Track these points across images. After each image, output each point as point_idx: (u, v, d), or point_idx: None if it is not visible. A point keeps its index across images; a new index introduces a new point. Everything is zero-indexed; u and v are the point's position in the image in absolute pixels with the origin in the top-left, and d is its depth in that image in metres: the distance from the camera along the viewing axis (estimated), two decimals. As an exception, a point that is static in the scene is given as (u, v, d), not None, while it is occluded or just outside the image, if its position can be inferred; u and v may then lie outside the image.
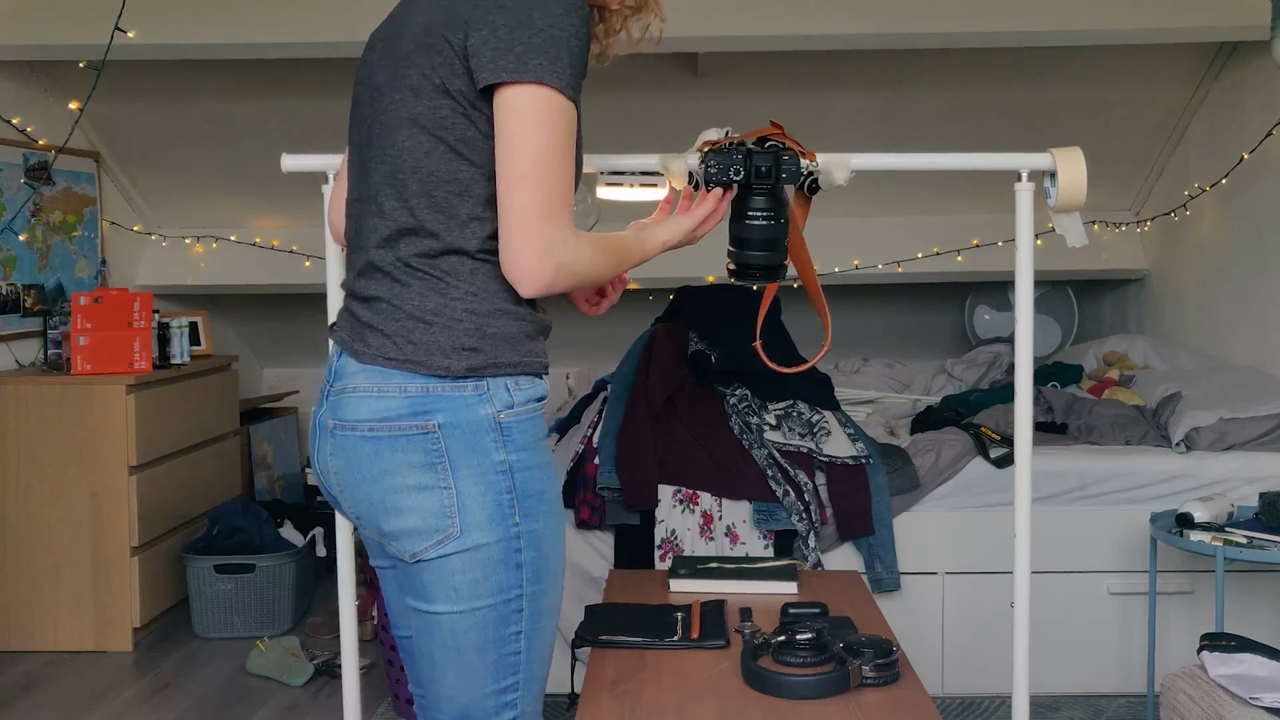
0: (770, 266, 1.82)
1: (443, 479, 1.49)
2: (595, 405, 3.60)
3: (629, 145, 2.30)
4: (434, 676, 1.56)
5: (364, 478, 1.53)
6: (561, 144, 1.46)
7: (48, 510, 3.84)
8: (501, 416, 1.51)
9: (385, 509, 1.52)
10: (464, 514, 1.49)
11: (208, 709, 3.38)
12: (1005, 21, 3.77)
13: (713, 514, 3.23)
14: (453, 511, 1.49)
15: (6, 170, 4.11)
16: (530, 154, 1.44)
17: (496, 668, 1.54)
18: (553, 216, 1.45)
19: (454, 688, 1.55)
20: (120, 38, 3.55)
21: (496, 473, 1.50)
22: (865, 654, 1.89)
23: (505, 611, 1.52)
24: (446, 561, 1.50)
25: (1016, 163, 1.87)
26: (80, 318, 3.88)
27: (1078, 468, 3.36)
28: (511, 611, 1.53)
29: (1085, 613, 3.35)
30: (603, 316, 2.09)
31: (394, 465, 1.50)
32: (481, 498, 1.49)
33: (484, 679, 1.54)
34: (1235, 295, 4.26)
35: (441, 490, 1.49)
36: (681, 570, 2.45)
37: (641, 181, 3.28)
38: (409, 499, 1.50)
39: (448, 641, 1.53)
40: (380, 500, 1.52)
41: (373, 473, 1.52)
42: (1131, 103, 4.54)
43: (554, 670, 3.36)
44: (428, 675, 1.58)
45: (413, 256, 1.51)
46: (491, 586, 1.51)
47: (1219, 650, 2.15)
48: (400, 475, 1.50)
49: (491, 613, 1.52)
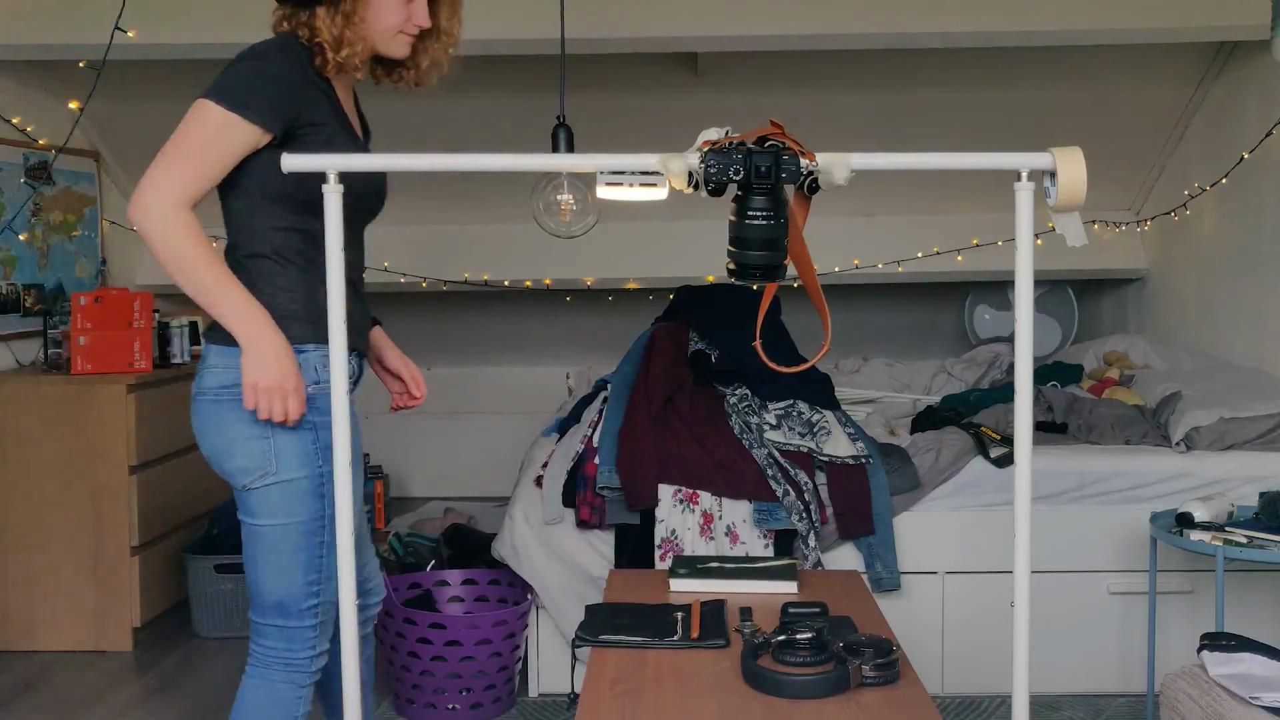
0: (770, 266, 1.82)
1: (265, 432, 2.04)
2: (595, 405, 3.60)
3: (629, 145, 2.30)
4: (255, 576, 2.09)
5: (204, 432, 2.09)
6: (200, 139, 2.09)
7: (48, 510, 3.84)
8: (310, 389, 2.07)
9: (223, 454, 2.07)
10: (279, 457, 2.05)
11: (208, 709, 3.38)
12: (1005, 21, 3.77)
13: (713, 513, 3.23)
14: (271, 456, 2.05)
15: (6, 170, 4.11)
16: (175, 134, 2.10)
17: (306, 567, 2.08)
18: (164, 170, 2.08)
19: (273, 581, 2.07)
20: (120, 37, 3.55)
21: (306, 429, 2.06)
22: (865, 653, 1.89)
23: (314, 527, 2.07)
24: (267, 491, 2.04)
25: (1016, 162, 1.86)
26: (80, 317, 3.88)
27: (1078, 467, 3.36)
28: (318, 528, 2.07)
29: (1085, 612, 3.35)
30: (603, 316, 2.13)
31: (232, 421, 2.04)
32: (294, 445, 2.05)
33: (297, 575, 2.08)
34: (1235, 295, 4.26)
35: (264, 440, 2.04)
36: (681, 570, 2.45)
37: (641, 181, 3.28)
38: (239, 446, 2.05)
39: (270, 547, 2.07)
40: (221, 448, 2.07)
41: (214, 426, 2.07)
42: (1132, 102, 4.54)
43: (554, 670, 3.38)
44: (251, 575, 2.10)
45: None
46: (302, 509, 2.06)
47: (1219, 650, 2.15)
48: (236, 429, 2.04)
49: (303, 526, 2.06)
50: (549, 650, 3.38)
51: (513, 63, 4.23)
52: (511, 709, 3.31)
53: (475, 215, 5.14)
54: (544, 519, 3.27)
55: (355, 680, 1.93)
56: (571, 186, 3.57)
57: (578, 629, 2.14)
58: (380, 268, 5.08)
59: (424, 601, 3.43)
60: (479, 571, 3.57)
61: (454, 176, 4.83)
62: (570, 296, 5.62)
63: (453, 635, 3.15)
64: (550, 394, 5.34)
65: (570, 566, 3.25)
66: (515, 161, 2.00)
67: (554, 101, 3.36)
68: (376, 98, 4.66)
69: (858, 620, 2.14)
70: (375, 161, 1.96)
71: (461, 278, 5.18)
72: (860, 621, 2.14)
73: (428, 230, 5.24)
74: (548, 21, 3.40)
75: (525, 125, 4.07)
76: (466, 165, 1.92)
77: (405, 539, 4.21)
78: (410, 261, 5.12)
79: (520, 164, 2.03)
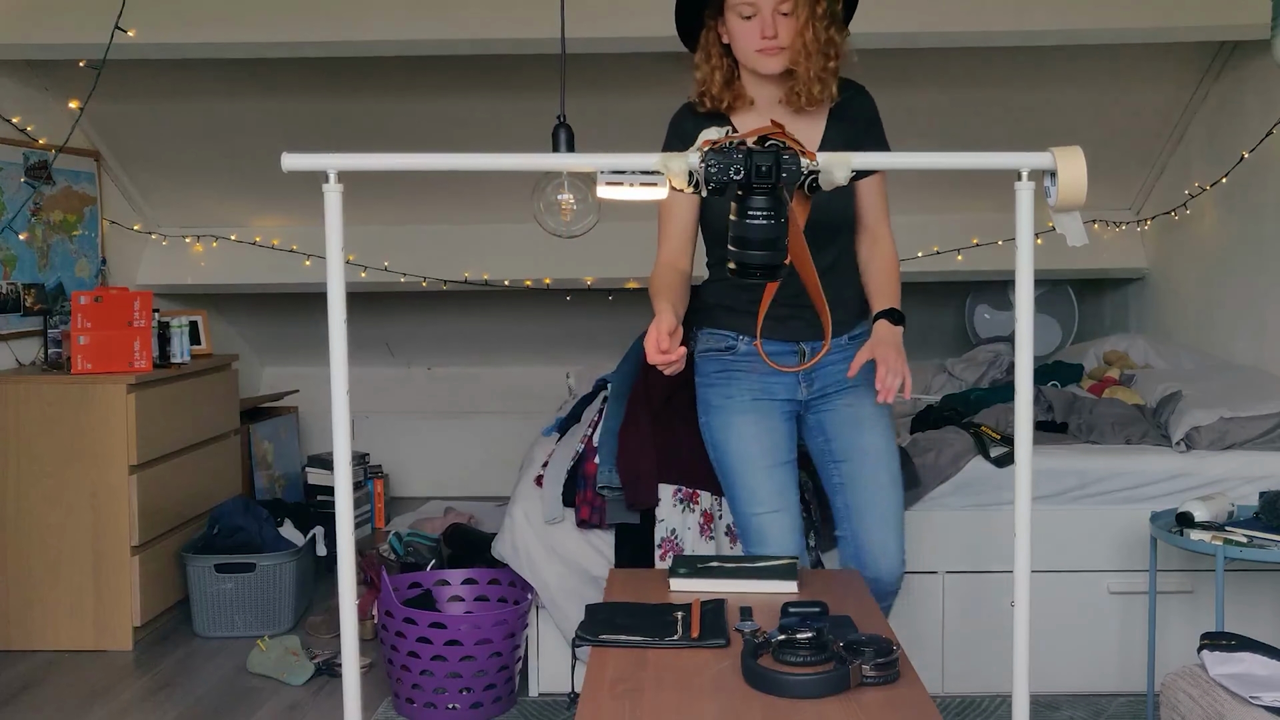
0: (770, 266, 1.82)
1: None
2: (595, 404, 3.60)
3: (629, 144, 2.30)
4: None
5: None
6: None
7: (48, 509, 3.84)
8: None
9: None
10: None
11: (208, 708, 3.38)
12: (1005, 20, 3.77)
13: (713, 513, 3.23)
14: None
15: (7, 169, 4.11)
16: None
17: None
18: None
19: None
20: (120, 37, 3.55)
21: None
22: (865, 653, 1.88)
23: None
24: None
25: (1016, 162, 1.86)
26: (80, 317, 3.88)
27: (1078, 467, 3.36)
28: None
29: (1085, 612, 3.35)
30: (603, 315, 2.14)
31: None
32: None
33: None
34: (1235, 294, 4.26)
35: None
36: (681, 569, 2.45)
37: (642, 181, 3.27)
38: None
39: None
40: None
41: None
42: (1132, 102, 4.54)
43: (554, 669, 3.38)
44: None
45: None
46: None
47: (1219, 649, 2.15)
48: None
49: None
50: (549, 650, 3.38)
51: (513, 62, 4.23)
52: (512, 708, 3.31)
53: (476, 215, 5.13)
54: (544, 518, 3.27)
55: (355, 680, 1.93)
56: (572, 186, 3.57)
57: (578, 628, 2.13)
58: (380, 267, 5.08)
59: (424, 601, 3.43)
60: (479, 571, 3.57)
61: (454, 176, 4.83)
62: (570, 296, 5.62)
63: (453, 635, 3.15)
64: (550, 393, 5.34)
65: (570, 566, 3.25)
66: (516, 161, 2.01)
67: (554, 101, 3.36)
68: (376, 97, 4.68)
69: (858, 620, 2.14)
70: (376, 161, 1.97)
71: (462, 277, 5.18)
72: (860, 621, 2.13)
73: (428, 230, 5.24)
74: (548, 21, 3.40)
75: (526, 125, 4.07)
76: (467, 165, 1.92)
77: (405, 538, 4.21)
78: (410, 261, 5.12)
79: (521, 164, 2.03)
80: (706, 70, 2.52)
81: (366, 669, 3.50)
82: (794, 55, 2.43)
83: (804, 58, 2.43)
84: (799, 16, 2.41)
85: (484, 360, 6.15)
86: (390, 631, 3.20)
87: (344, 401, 1.84)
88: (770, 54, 2.43)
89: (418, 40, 3.85)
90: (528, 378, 6.06)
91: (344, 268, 1.85)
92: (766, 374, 2.62)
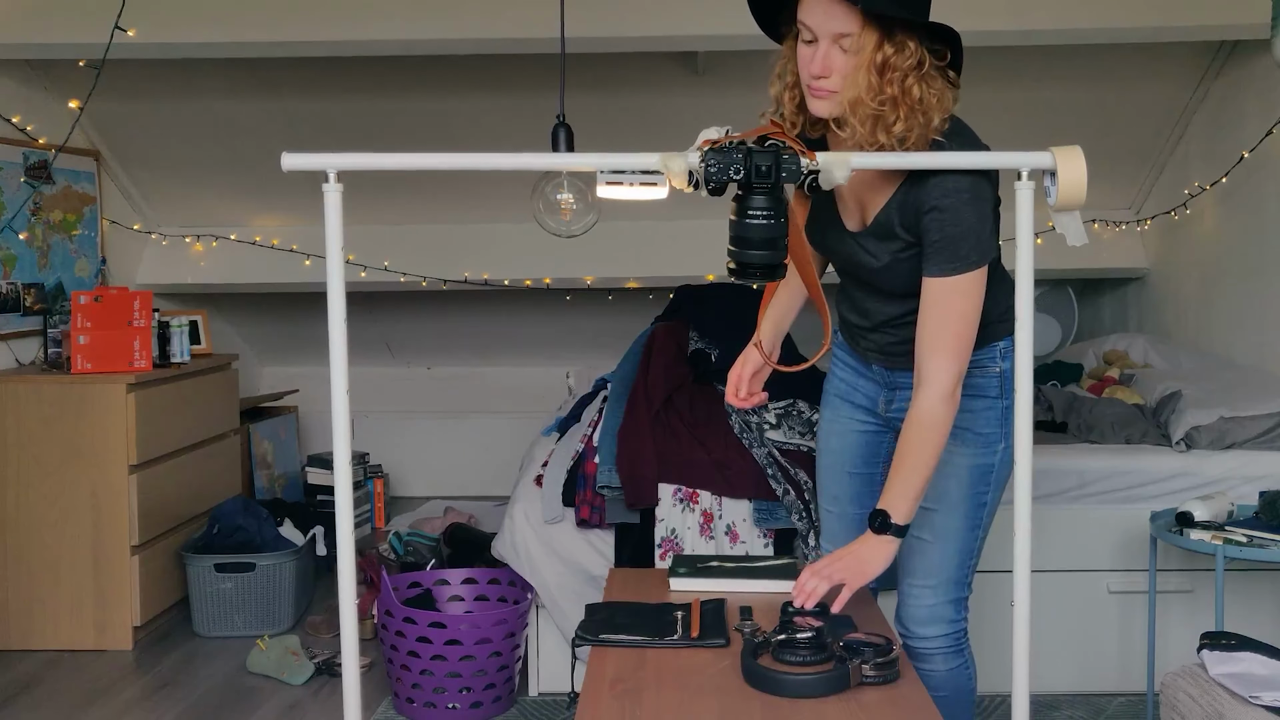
0: (770, 265, 1.82)
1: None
2: (595, 404, 3.60)
3: (629, 144, 2.30)
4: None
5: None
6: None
7: (48, 509, 3.84)
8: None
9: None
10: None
11: (208, 708, 3.38)
12: (1005, 20, 3.77)
13: (713, 513, 3.23)
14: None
15: (6, 169, 4.11)
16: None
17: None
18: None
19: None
20: (120, 37, 3.55)
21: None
22: (865, 653, 1.88)
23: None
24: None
25: (1016, 161, 1.86)
26: (80, 317, 3.88)
27: (1078, 466, 3.36)
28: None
29: (1085, 612, 3.35)
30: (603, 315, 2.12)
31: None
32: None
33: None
34: (1235, 294, 4.26)
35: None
36: (681, 569, 2.45)
37: (642, 180, 3.27)
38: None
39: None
40: None
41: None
42: (1132, 101, 4.53)
43: (554, 669, 3.38)
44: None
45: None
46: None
47: (1219, 649, 2.15)
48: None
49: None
50: (549, 649, 3.38)
51: (513, 62, 4.23)
52: (511, 708, 3.31)
53: (475, 214, 5.13)
54: (544, 518, 3.27)
55: (355, 680, 1.93)
56: (572, 186, 3.57)
57: (577, 628, 2.13)
58: (380, 267, 5.08)
59: (424, 601, 3.43)
60: (479, 571, 3.57)
61: (454, 175, 4.83)
62: (570, 295, 5.62)
63: (452, 634, 3.15)
64: (550, 393, 5.34)
65: (570, 565, 3.25)
66: (515, 160, 2.00)
67: (554, 100, 3.36)
68: (376, 96, 4.67)
69: (858, 619, 2.14)
70: (376, 161, 1.96)
71: (462, 277, 5.18)
72: (860, 620, 2.13)
73: (428, 229, 5.24)
74: (548, 20, 3.40)
75: (525, 124, 4.07)
76: (467, 164, 1.92)
77: (405, 538, 4.21)
78: (410, 260, 5.12)
79: (520, 163, 2.03)
80: (779, 88, 2.06)
81: (366, 668, 3.51)
82: (850, 104, 1.93)
83: (852, 112, 1.94)
84: (861, 57, 1.90)
85: (484, 360, 6.15)
86: (390, 631, 3.20)
87: (344, 401, 1.84)
88: (819, 95, 1.96)
89: (417, 40, 3.85)
90: (527, 377, 6.06)
91: (344, 267, 1.85)
92: (855, 372, 2.41)
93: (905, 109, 1.91)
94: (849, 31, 1.89)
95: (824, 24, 1.90)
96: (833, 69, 1.92)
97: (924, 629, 2.32)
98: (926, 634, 2.32)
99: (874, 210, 2.09)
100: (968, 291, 2.01)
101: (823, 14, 1.89)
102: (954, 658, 2.33)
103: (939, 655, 2.32)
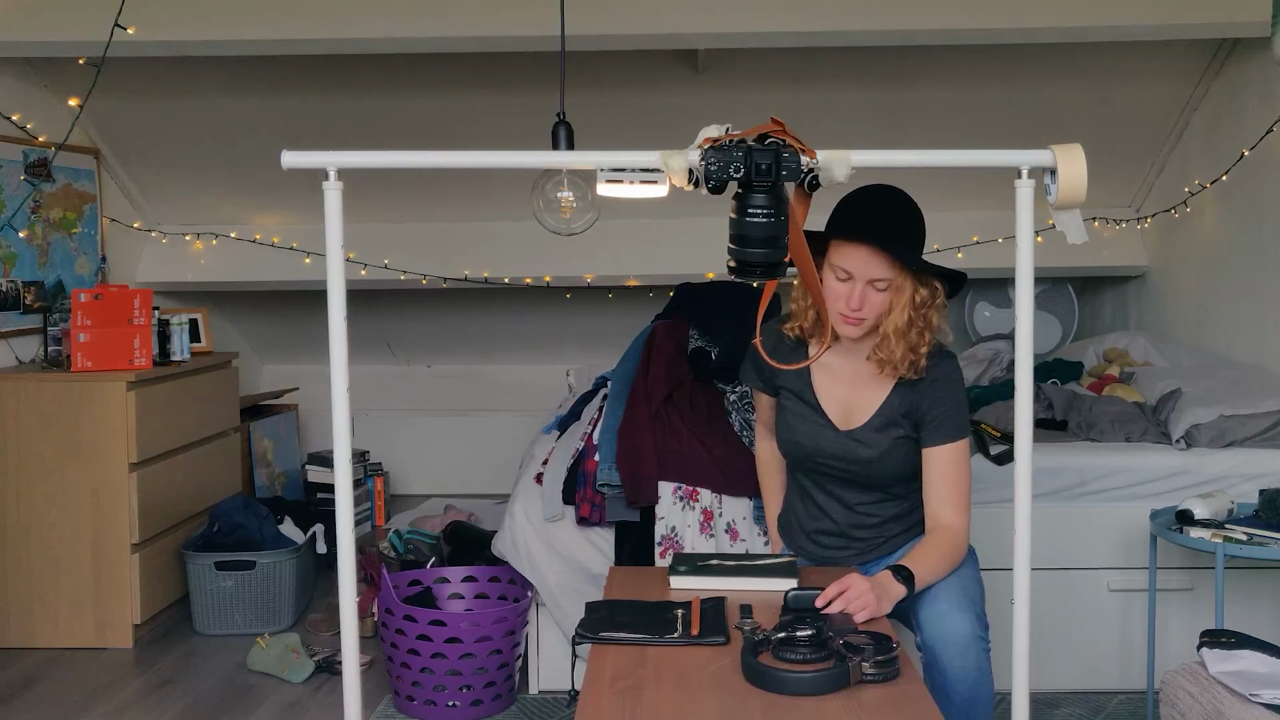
0: (770, 264, 1.82)
1: None
2: (595, 402, 3.60)
3: (629, 142, 2.31)
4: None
5: None
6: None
7: (48, 507, 3.84)
8: None
9: None
10: None
11: (208, 706, 3.38)
12: (1006, 18, 3.77)
13: (713, 511, 3.23)
14: None
15: (6, 167, 4.11)
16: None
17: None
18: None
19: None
20: (120, 34, 3.55)
21: None
22: (865, 650, 1.89)
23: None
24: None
25: (1017, 159, 1.86)
26: (80, 315, 3.88)
27: (1078, 465, 3.36)
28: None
29: (1085, 609, 3.35)
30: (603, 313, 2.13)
31: None
32: None
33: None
34: (1235, 292, 4.26)
35: None
36: (681, 567, 2.45)
37: (642, 178, 3.27)
38: None
39: None
40: None
41: None
42: (1132, 99, 4.53)
43: (554, 667, 3.38)
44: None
45: None
46: None
47: (1219, 647, 2.15)
48: None
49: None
50: (549, 647, 3.38)
51: (513, 60, 4.23)
52: (511, 706, 3.31)
53: (475, 212, 5.13)
54: (544, 516, 3.27)
55: (355, 678, 1.93)
56: (572, 183, 3.57)
57: (578, 626, 2.13)
58: (380, 265, 5.08)
59: (424, 599, 3.43)
60: (479, 569, 3.57)
61: (455, 173, 4.83)
62: (570, 294, 5.62)
63: (453, 632, 3.15)
64: (550, 391, 5.34)
65: (570, 563, 3.25)
66: (515, 158, 2.00)
67: (554, 98, 3.36)
68: (376, 94, 4.67)
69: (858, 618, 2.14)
70: (376, 159, 1.96)
71: (462, 275, 5.18)
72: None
73: (428, 227, 5.24)
74: (548, 18, 3.40)
75: (525, 122, 4.07)
76: (467, 162, 1.92)
77: (405, 536, 4.21)
78: (410, 259, 5.12)
79: (520, 161, 2.03)
80: (803, 305, 2.46)
81: (366, 666, 3.51)
82: (881, 332, 2.36)
83: (887, 341, 2.36)
84: (893, 296, 2.34)
85: (484, 358, 6.15)
86: (390, 629, 3.20)
87: (344, 399, 1.84)
88: (851, 323, 2.37)
89: (418, 38, 3.85)
90: (528, 375, 6.06)
91: (344, 265, 1.85)
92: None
93: (929, 334, 2.38)
94: (886, 277, 2.32)
95: (864, 270, 2.32)
96: (866, 304, 2.34)
97: (944, 644, 2.46)
98: (947, 655, 2.48)
99: (870, 408, 2.45)
100: (965, 455, 2.43)
101: (863, 263, 2.32)
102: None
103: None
